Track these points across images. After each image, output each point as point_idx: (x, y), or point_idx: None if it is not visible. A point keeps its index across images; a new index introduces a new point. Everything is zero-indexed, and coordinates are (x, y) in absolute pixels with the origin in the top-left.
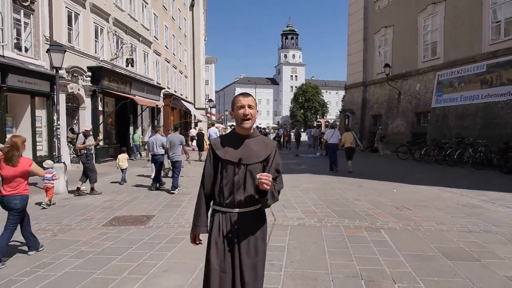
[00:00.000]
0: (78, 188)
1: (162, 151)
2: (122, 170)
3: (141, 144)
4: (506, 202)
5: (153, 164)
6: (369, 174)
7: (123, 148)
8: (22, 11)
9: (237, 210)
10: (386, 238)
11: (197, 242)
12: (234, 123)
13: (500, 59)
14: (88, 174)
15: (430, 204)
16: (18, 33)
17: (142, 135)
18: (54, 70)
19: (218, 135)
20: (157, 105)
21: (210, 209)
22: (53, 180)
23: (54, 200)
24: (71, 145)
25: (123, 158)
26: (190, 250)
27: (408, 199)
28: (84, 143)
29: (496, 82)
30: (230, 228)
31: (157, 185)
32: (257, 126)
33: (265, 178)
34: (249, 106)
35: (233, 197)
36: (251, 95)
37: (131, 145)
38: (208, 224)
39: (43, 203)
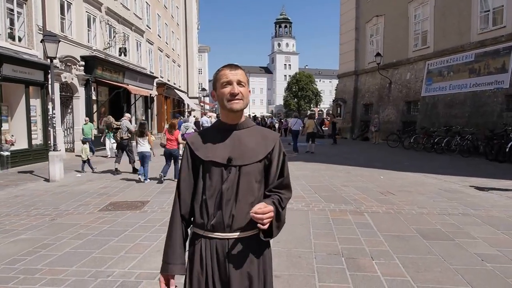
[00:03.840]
0: (116, 169)
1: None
2: (83, 160)
3: (92, 138)
4: (487, 187)
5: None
6: (358, 161)
7: (82, 139)
8: (15, 0)
9: (227, 234)
10: (368, 220)
11: None
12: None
13: (488, 48)
14: (128, 155)
15: (414, 189)
16: (12, 23)
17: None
18: (49, 60)
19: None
20: (150, 94)
21: (190, 232)
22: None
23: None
24: (114, 131)
25: (86, 147)
26: None
27: (393, 185)
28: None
29: (484, 71)
30: (217, 262)
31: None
32: (253, 116)
33: (260, 216)
34: (239, 83)
35: (221, 215)
36: (240, 68)
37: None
38: (186, 257)
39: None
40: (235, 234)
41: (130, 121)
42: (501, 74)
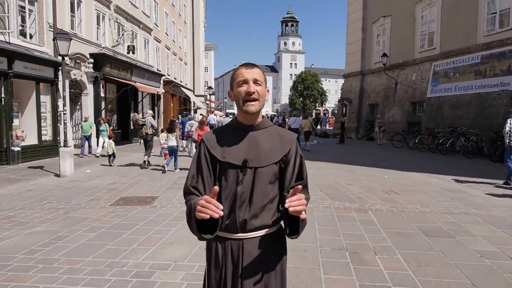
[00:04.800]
0: (145, 161)
1: None
2: (109, 154)
3: (93, 135)
4: (490, 188)
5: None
6: (362, 161)
7: (109, 135)
8: None
9: (241, 235)
10: (372, 218)
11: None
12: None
13: (494, 50)
14: (146, 149)
15: (417, 189)
16: (23, 20)
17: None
18: (61, 57)
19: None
20: (157, 92)
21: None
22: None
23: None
24: (139, 127)
25: (111, 142)
26: None
27: (397, 184)
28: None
29: (489, 73)
30: (232, 262)
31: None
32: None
33: (297, 203)
34: (255, 82)
35: (234, 216)
36: (257, 66)
37: (80, 135)
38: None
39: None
40: (250, 235)
41: (153, 117)
42: (506, 76)
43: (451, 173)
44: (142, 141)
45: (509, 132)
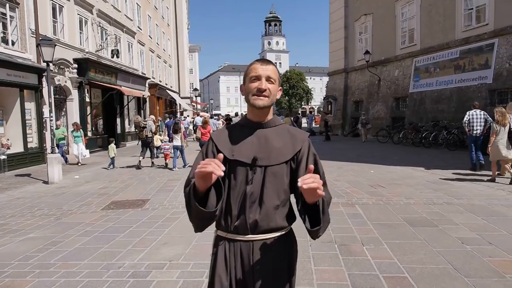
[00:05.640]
0: (140, 162)
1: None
2: (111, 158)
3: (66, 143)
4: (471, 178)
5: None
6: (349, 157)
7: (110, 139)
8: (7, 4)
9: (251, 236)
10: (359, 211)
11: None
12: (248, 111)
13: (472, 45)
14: (151, 151)
15: (402, 182)
16: (4, 27)
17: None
18: (45, 64)
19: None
20: (143, 95)
21: (213, 235)
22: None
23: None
24: (140, 130)
25: (113, 146)
26: (186, 226)
27: (383, 178)
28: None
29: (468, 67)
30: (241, 265)
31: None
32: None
33: (311, 180)
34: (268, 79)
35: (244, 218)
36: (272, 63)
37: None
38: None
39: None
40: (260, 236)
41: (154, 121)
42: (484, 70)
43: (434, 166)
44: (140, 143)
45: (466, 123)
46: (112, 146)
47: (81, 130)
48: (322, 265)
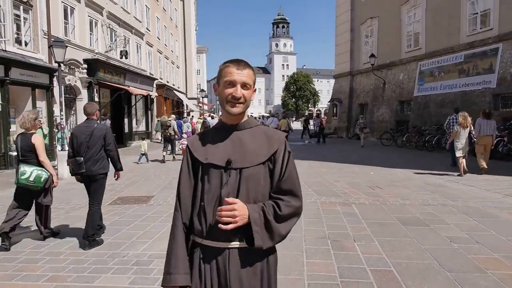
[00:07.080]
0: (164, 156)
1: None
2: (142, 154)
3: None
4: (469, 181)
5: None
6: (351, 159)
7: (142, 136)
8: (21, 6)
9: (228, 244)
10: (355, 210)
11: None
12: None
13: (476, 49)
14: (172, 147)
15: (401, 184)
16: (18, 28)
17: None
18: (57, 64)
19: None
20: (150, 95)
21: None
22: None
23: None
24: (165, 128)
25: (144, 143)
26: None
27: (382, 180)
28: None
29: (472, 71)
30: (217, 274)
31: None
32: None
33: (225, 213)
34: (244, 85)
35: (219, 223)
36: (249, 66)
37: None
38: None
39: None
40: (237, 244)
41: (175, 120)
42: (488, 74)
43: (435, 169)
44: (162, 139)
45: (446, 125)
46: (143, 142)
47: (64, 130)
48: (313, 258)
